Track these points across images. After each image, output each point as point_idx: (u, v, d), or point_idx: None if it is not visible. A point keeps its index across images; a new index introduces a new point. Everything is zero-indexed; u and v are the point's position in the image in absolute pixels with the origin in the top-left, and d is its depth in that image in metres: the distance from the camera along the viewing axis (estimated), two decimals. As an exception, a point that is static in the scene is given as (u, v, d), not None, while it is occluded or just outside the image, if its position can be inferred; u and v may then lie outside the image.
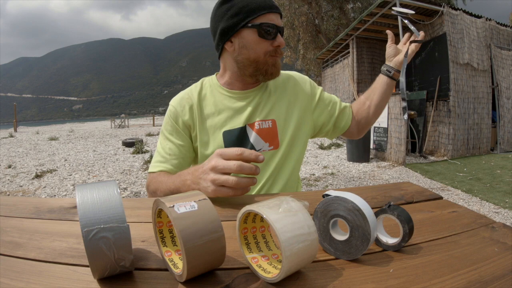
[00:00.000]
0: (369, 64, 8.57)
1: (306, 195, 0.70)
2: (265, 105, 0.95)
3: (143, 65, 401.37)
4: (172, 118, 0.95)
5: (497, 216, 2.94)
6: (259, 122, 0.93)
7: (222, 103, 0.94)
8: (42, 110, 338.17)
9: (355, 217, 0.39)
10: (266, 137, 0.93)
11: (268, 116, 0.94)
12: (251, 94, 0.95)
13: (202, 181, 0.64)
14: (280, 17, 0.91)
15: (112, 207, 0.35)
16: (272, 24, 0.86)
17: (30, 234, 0.48)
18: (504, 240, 0.45)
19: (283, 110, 0.96)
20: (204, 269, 0.36)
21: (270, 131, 0.93)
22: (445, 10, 5.79)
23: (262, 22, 0.86)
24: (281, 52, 0.91)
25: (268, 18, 0.87)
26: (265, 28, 0.86)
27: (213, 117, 0.93)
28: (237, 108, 0.93)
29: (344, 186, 4.22)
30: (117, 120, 21.86)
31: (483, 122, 6.15)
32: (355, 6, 16.17)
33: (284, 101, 0.97)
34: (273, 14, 0.87)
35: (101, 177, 4.97)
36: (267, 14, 0.86)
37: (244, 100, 0.94)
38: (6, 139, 11.65)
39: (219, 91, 0.96)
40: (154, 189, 0.84)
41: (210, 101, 0.95)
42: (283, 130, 0.94)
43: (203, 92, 0.97)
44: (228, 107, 0.94)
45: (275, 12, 0.88)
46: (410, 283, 0.35)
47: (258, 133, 0.92)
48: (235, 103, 0.94)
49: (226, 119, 0.93)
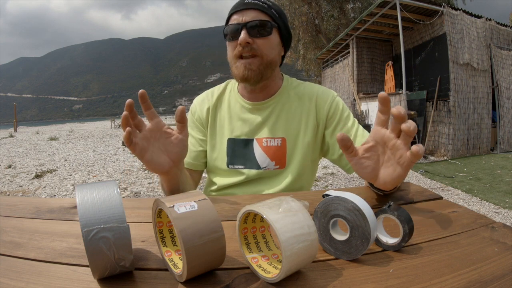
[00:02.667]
0: (369, 64, 8.57)
1: (306, 195, 0.70)
2: (277, 121, 0.89)
3: (143, 65, 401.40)
4: (192, 113, 0.97)
5: (497, 216, 2.94)
6: (267, 139, 0.88)
7: (234, 111, 0.93)
8: (42, 110, 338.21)
9: (355, 217, 0.39)
10: (273, 156, 0.87)
11: (277, 133, 0.89)
12: (264, 107, 0.90)
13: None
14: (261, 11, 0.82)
15: (112, 207, 0.35)
16: (232, 24, 0.82)
17: (30, 234, 0.48)
18: (504, 240, 0.45)
19: (294, 128, 0.89)
20: (204, 269, 0.36)
21: (278, 150, 0.88)
22: (445, 10, 5.79)
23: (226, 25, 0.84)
24: (255, 52, 0.81)
25: (232, 19, 0.84)
26: (226, 31, 0.84)
27: (223, 122, 0.93)
28: (246, 119, 0.91)
29: (344, 186, 4.22)
30: (117, 120, 21.84)
31: (483, 122, 6.15)
32: (355, 6, 16.16)
33: (297, 118, 0.90)
34: (239, 12, 0.82)
35: (101, 177, 4.96)
36: (233, 15, 0.84)
37: (256, 112, 0.91)
38: (6, 139, 11.65)
39: (236, 98, 0.94)
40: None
41: (225, 106, 0.94)
42: (292, 149, 0.88)
43: (223, 96, 0.96)
44: (239, 116, 0.92)
45: (243, 9, 0.82)
46: (410, 283, 0.35)
47: (265, 150, 0.88)
48: (246, 114, 0.91)
49: (234, 127, 0.91)
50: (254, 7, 0.82)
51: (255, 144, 0.89)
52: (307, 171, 0.91)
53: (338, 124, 0.89)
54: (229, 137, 0.91)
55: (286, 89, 0.93)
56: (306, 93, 0.92)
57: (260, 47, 0.82)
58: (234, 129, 0.91)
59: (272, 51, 0.85)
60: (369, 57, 8.53)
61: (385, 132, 0.52)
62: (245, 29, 0.80)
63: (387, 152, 0.53)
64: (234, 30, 0.82)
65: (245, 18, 0.81)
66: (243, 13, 0.82)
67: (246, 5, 0.82)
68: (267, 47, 0.83)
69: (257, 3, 0.83)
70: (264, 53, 0.83)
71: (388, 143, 0.51)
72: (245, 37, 0.79)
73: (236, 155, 0.90)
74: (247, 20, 0.81)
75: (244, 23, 0.81)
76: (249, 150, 0.89)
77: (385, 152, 0.53)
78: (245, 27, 0.80)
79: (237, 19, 0.82)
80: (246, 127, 0.90)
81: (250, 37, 0.80)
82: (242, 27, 0.81)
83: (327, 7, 16.06)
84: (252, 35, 0.81)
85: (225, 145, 0.90)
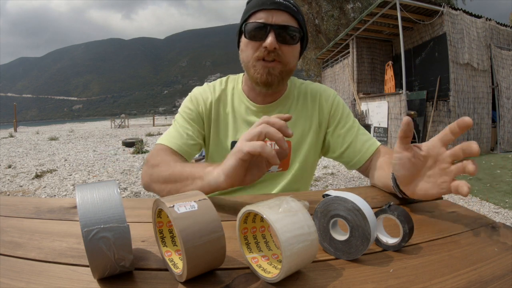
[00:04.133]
0: (369, 64, 8.58)
1: (306, 195, 0.70)
2: None
3: (143, 65, 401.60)
4: (194, 103, 0.89)
5: (497, 216, 2.94)
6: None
7: (239, 112, 0.89)
8: (42, 110, 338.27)
9: (355, 217, 0.39)
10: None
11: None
12: (270, 110, 0.88)
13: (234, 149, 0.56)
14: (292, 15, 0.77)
15: (112, 207, 0.35)
16: (257, 22, 0.75)
17: (30, 234, 0.48)
18: (504, 240, 0.45)
19: (299, 131, 0.88)
20: (204, 269, 0.36)
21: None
22: (445, 10, 5.80)
23: (249, 22, 0.77)
24: (278, 58, 0.76)
25: (257, 16, 0.76)
26: (249, 28, 0.76)
27: (227, 122, 0.89)
28: (252, 122, 0.86)
29: (344, 186, 4.21)
30: (117, 120, 21.87)
31: (483, 122, 6.15)
32: (355, 6, 16.18)
33: (302, 120, 0.89)
34: (267, 11, 0.75)
35: (101, 177, 4.96)
36: (258, 12, 0.76)
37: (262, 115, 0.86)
38: (6, 139, 11.65)
39: (240, 98, 0.90)
40: (157, 162, 0.73)
41: (228, 104, 0.90)
42: (296, 152, 0.87)
43: (225, 92, 0.92)
44: (243, 118, 0.88)
45: (273, 9, 0.75)
46: (410, 283, 0.35)
47: None
48: (251, 116, 0.88)
49: (239, 129, 0.88)
50: (285, 10, 0.75)
51: None
52: (307, 173, 0.91)
53: (339, 123, 0.89)
54: (233, 139, 0.88)
55: (291, 90, 0.92)
56: (309, 93, 0.91)
57: (285, 54, 0.77)
58: (238, 131, 0.88)
59: (294, 60, 0.81)
60: (369, 57, 8.53)
61: (443, 152, 0.50)
62: (273, 32, 0.74)
63: (435, 170, 0.51)
64: (260, 30, 0.75)
65: (275, 19, 0.74)
66: (273, 13, 0.75)
67: (277, 5, 0.75)
68: (291, 55, 0.79)
69: (289, 5, 0.76)
70: (287, 60, 0.78)
71: (440, 164, 0.50)
72: (274, 42, 0.73)
73: None
74: (278, 22, 0.74)
75: (273, 24, 0.74)
76: None
77: (432, 168, 0.52)
78: (273, 30, 0.74)
79: (265, 18, 0.74)
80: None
81: (277, 42, 0.74)
82: (271, 29, 0.74)
83: (327, 7, 16.07)
84: (280, 40, 0.75)
85: (229, 147, 0.88)
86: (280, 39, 0.75)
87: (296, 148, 0.88)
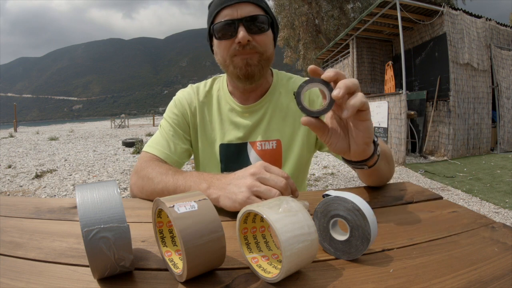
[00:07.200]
0: (369, 64, 8.57)
1: (306, 195, 0.70)
2: (270, 123, 0.86)
3: (143, 65, 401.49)
4: (178, 108, 0.88)
5: (497, 216, 2.94)
6: (262, 142, 0.85)
7: (225, 113, 0.87)
8: (42, 110, 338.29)
9: (355, 217, 0.39)
10: (268, 159, 0.83)
11: (272, 136, 0.85)
12: (257, 109, 0.86)
13: (233, 186, 0.54)
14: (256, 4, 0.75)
15: (112, 207, 0.35)
16: (225, 20, 0.73)
17: (30, 234, 0.48)
18: (504, 240, 0.45)
19: (289, 129, 0.86)
20: (204, 269, 0.36)
21: (274, 153, 0.85)
22: (445, 10, 5.79)
23: (216, 23, 0.75)
24: (255, 49, 0.75)
25: (223, 15, 0.74)
26: (218, 28, 0.75)
27: (214, 125, 0.87)
28: (239, 123, 0.86)
29: (344, 186, 4.21)
30: (117, 120, 21.86)
31: (483, 122, 6.15)
32: (355, 6, 16.17)
33: (291, 117, 0.87)
34: (231, 7, 0.73)
35: (101, 177, 4.96)
36: (222, 10, 0.74)
37: (248, 115, 0.86)
38: (6, 139, 11.65)
39: (226, 99, 0.89)
40: (147, 174, 0.71)
41: (214, 106, 0.88)
42: (287, 151, 0.86)
43: (210, 93, 0.90)
44: (230, 120, 0.87)
45: (236, 3, 0.73)
46: (410, 283, 0.35)
47: (260, 154, 0.85)
48: (237, 117, 0.87)
49: (226, 131, 0.86)
50: (247, 0, 0.74)
51: (249, 148, 0.86)
52: (301, 172, 0.90)
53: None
54: (221, 142, 0.87)
55: (276, 86, 0.90)
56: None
57: (260, 43, 0.75)
58: (226, 133, 0.86)
59: (270, 47, 0.79)
60: (369, 57, 8.52)
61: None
62: (242, 26, 0.72)
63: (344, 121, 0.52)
64: (229, 27, 0.73)
65: (241, 12, 0.73)
66: (237, 7, 0.73)
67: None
68: (266, 43, 0.77)
69: None
70: (264, 49, 0.77)
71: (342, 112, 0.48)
72: (246, 35, 0.72)
73: (230, 161, 0.86)
74: (244, 15, 0.73)
75: (241, 18, 0.73)
76: (244, 155, 0.86)
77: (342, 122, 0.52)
78: (242, 24, 0.72)
79: (231, 15, 0.73)
80: (239, 131, 0.86)
81: (249, 34, 0.73)
82: (239, 23, 0.72)
83: (327, 7, 16.06)
84: (251, 32, 0.74)
85: (217, 151, 0.87)
86: (251, 30, 0.74)
87: (287, 147, 0.86)
